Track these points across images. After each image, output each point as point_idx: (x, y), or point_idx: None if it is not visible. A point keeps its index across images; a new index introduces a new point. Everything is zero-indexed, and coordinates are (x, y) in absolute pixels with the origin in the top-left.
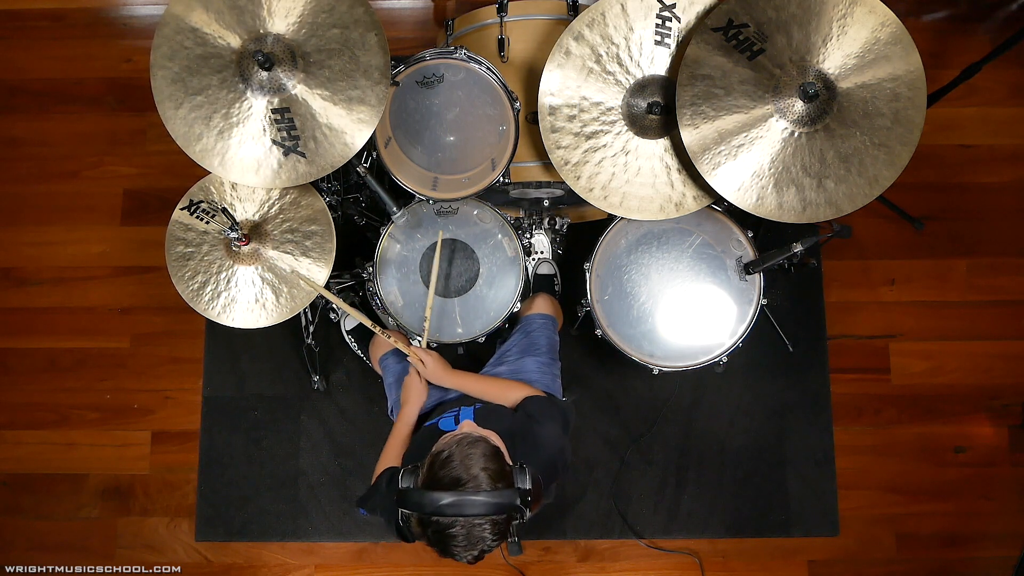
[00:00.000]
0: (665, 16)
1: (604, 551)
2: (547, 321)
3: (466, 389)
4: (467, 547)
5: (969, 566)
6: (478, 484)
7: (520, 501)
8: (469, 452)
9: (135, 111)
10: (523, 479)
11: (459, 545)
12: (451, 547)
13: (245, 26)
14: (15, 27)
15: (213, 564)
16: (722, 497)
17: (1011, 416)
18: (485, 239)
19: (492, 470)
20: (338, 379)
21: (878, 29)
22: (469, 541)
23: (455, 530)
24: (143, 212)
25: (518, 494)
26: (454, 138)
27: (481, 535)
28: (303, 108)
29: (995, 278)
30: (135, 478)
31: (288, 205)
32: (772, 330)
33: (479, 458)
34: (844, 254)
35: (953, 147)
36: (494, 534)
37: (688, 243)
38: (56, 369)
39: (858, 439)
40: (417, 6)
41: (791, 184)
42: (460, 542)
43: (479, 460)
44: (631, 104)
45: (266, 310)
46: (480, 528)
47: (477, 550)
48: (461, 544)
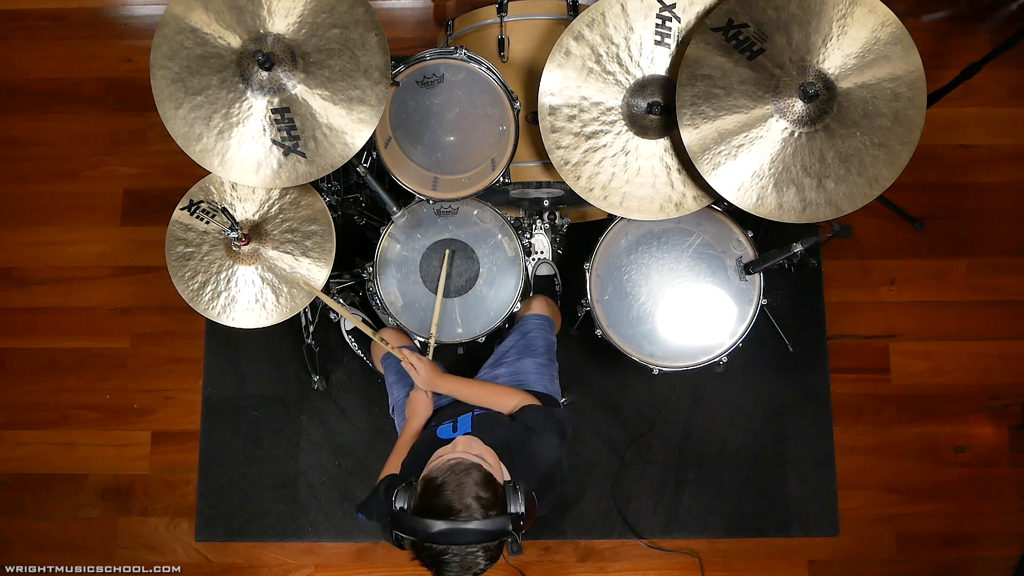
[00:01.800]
0: (665, 16)
1: (604, 551)
2: (543, 322)
3: (460, 395)
4: (460, 572)
5: (969, 566)
6: (471, 514)
7: (512, 526)
8: (462, 481)
9: (135, 111)
10: (516, 502)
11: (451, 571)
12: (444, 571)
13: (245, 26)
14: (15, 27)
15: (213, 564)
16: (722, 497)
17: (1011, 416)
18: (485, 239)
19: (485, 499)
20: (338, 379)
21: (878, 29)
22: (462, 567)
23: (447, 557)
24: (143, 212)
25: (510, 520)
26: (454, 138)
27: (474, 561)
28: (303, 108)
29: (995, 278)
30: (135, 478)
31: (288, 205)
32: (772, 330)
33: (472, 487)
34: (844, 254)
35: (953, 147)
36: (487, 559)
37: (688, 243)
38: (56, 369)
39: (858, 439)
40: (417, 6)
41: (791, 184)
42: (453, 569)
43: (472, 489)
44: (631, 104)
45: (266, 310)
46: (473, 556)
47: (470, 574)
48: (454, 571)
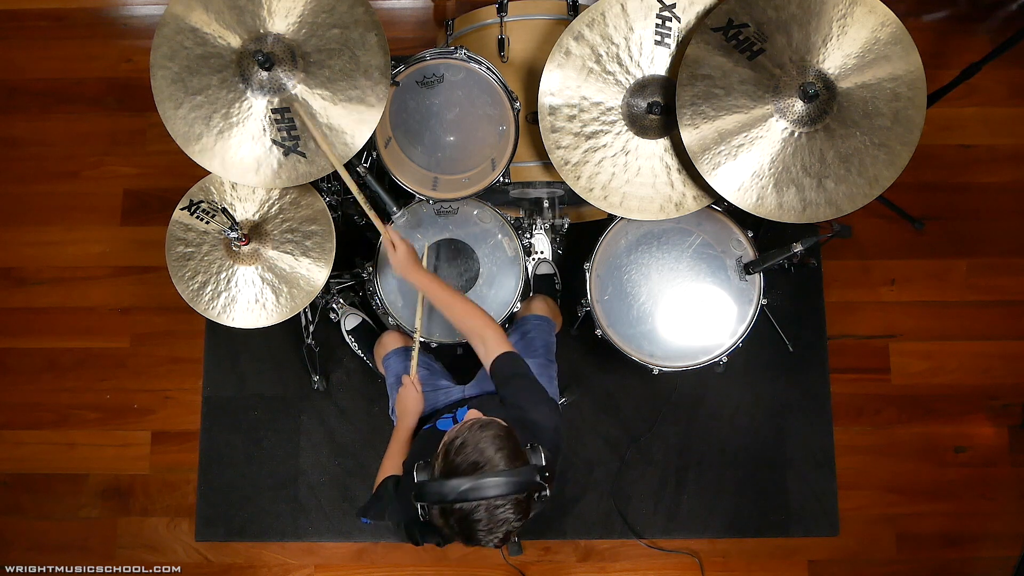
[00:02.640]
0: (665, 16)
1: (604, 551)
2: (543, 323)
3: (429, 292)
4: (491, 530)
5: (969, 566)
6: (495, 465)
7: (539, 476)
8: (482, 435)
9: (135, 111)
10: (537, 456)
11: (483, 529)
12: (476, 532)
13: (245, 26)
14: (15, 27)
15: (213, 564)
16: (722, 497)
17: (1011, 416)
18: (485, 239)
19: (508, 450)
20: (338, 379)
21: (878, 29)
22: (494, 523)
23: (479, 514)
24: (143, 212)
25: (536, 470)
26: (454, 138)
27: (505, 516)
28: (303, 108)
29: (995, 278)
30: (135, 478)
31: (288, 205)
32: (772, 330)
33: (493, 439)
34: (844, 254)
35: (953, 147)
36: (517, 514)
37: (688, 243)
38: (56, 369)
39: (858, 439)
40: (417, 6)
41: (791, 184)
42: (484, 526)
43: (493, 442)
44: (631, 104)
45: (266, 310)
46: (504, 509)
47: (502, 532)
48: (485, 528)
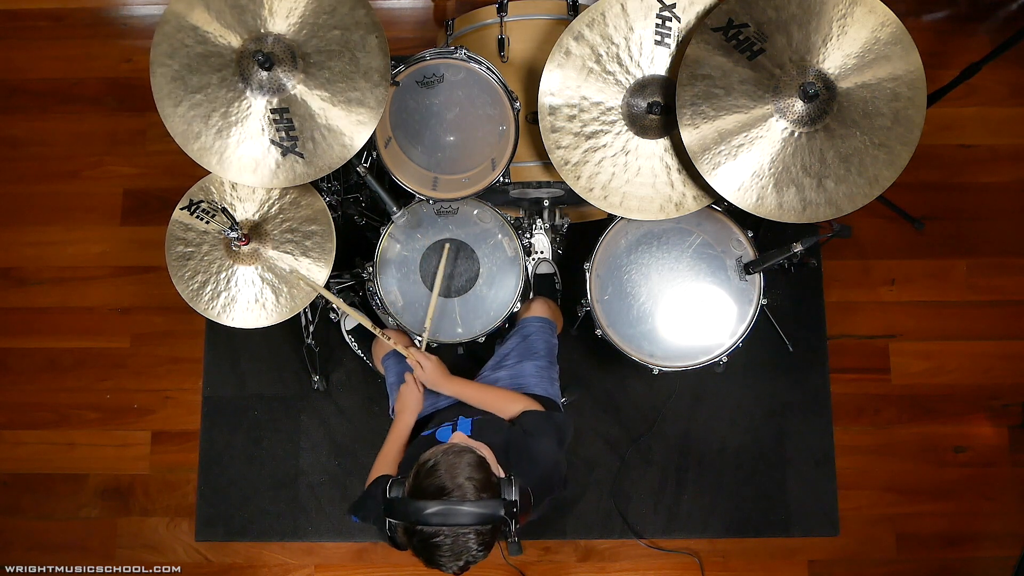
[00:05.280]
0: (665, 16)
1: (604, 551)
2: (544, 324)
3: (464, 397)
4: (452, 557)
5: (969, 566)
6: (463, 494)
7: (505, 512)
8: (455, 461)
9: (135, 111)
10: (510, 491)
11: (444, 555)
12: (436, 557)
13: (246, 25)
14: (15, 27)
15: (213, 564)
16: (722, 497)
17: (1011, 416)
18: (485, 239)
19: (477, 480)
20: (338, 379)
21: (878, 29)
22: (454, 551)
23: (440, 539)
24: (143, 212)
25: (503, 505)
26: (454, 138)
27: (466, 545)
28: (302, 108)
29: (995, 278)
30: (135, 478)
31: (288, 205)
32: (772, 330)
33: (464, 467)
34: (844, 254)
35: (953, 147)
36: (479, 545)
37: (688, 243)
38: (56, 369)
39: (858, 439)
40: (417, 6)
41: (791, 184)
42: (445, 552)
43: (464, 469)
44: (631, 104)
45: (266, 310)
46: (465, 538)
47: (463, 560)
48: (446, 554)
